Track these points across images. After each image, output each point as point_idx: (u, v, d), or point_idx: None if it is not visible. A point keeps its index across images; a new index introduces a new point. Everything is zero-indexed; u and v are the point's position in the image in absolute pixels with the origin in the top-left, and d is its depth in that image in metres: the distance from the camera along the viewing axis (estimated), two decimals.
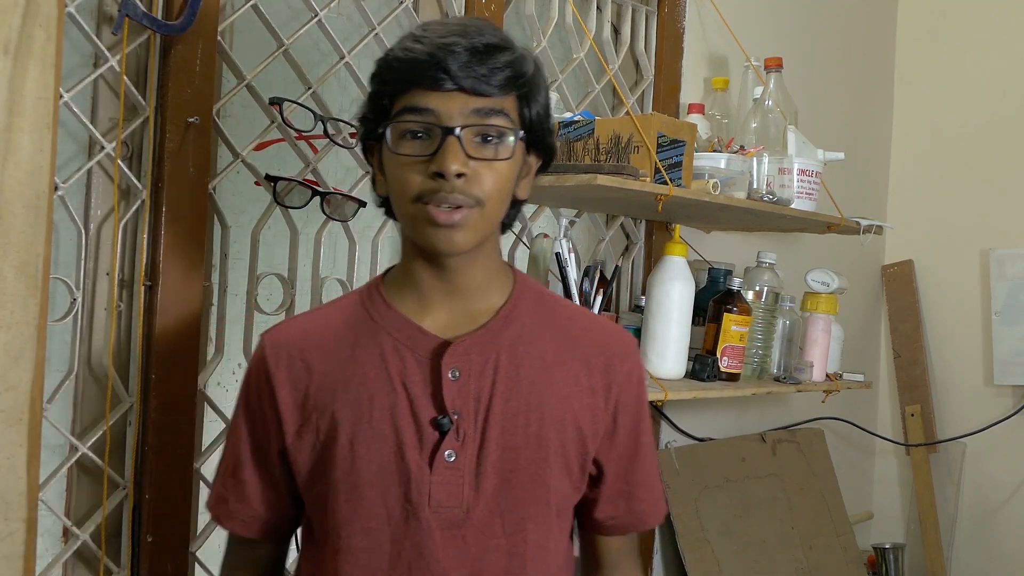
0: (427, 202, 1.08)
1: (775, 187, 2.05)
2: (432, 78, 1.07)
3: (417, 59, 1.07)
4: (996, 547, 2.84)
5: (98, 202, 1.61)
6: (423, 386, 1.12)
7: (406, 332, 1.14)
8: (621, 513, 1.25)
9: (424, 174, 1.07)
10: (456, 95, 1.07)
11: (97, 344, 1.60)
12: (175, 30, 1.57)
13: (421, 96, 1.08)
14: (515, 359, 1.15)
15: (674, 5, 2.35)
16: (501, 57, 1.09)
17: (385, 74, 1.12)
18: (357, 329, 1.16)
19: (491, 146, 1.09)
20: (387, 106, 1.11)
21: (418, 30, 1.12)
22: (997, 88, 2.89)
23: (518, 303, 1.18)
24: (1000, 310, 2.83)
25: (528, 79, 1.12)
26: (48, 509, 1.52)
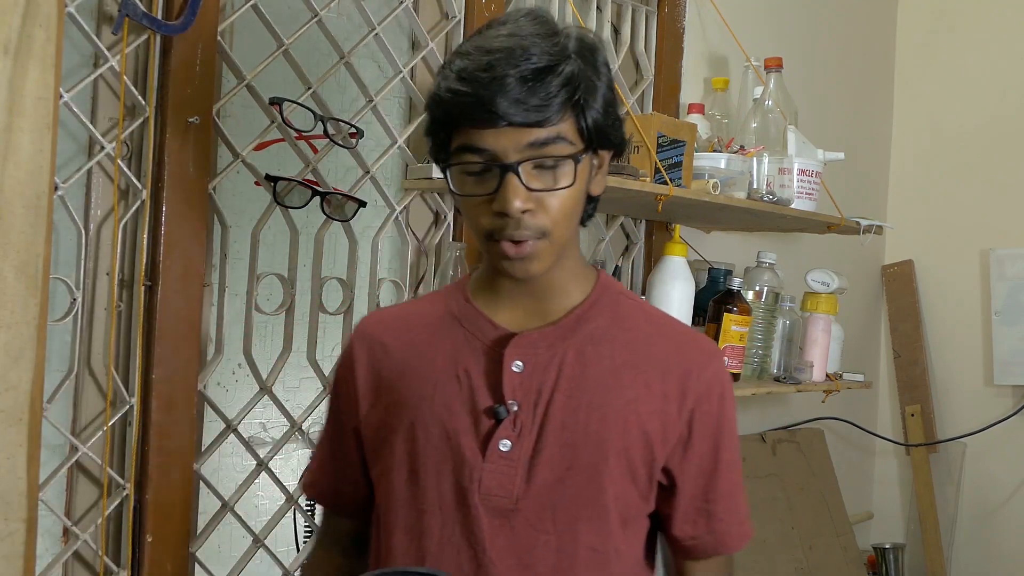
0: (497, 239, 1.09)
1: (775, 187, 2.05)
2: (483, 118, 1.05)
3: (465, 100, 1.05)
4: (996, 547, 2.84)
5: (98, 202, 1.61)
6: (485, 376, 1.15)
7: (478, 324, 1.18)
8: (701, 533, 1.22)
9: (489, 213, 1.08)
10: (509, 130, 1.06)
11: (97, 344, 1.60)
12: (175, 30, 1.57)
13: (476, 135, 1.07)
14: (583, 358, 1.16)
15: (674, 5, 2.35)
16: (552, 81, 1.06)
17: (436, 111, 1.11)
18: (436, 320, 1.21)
19: (550, 173, 1.08)
20: (445, 140, 1.11)
21: (462, 58, 1.08)
22: (997, 88, 2.89)
23: (594, 304, 1.19)
24: (1000, 310, 2.83)
25: (582, 88, 1.09)
26: (48, 509, 1.52)
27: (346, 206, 1.80)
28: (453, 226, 2.00)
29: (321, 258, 1.84)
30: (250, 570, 1.75)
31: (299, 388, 1.91)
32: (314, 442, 1.84)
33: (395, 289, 1.97)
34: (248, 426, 1.81)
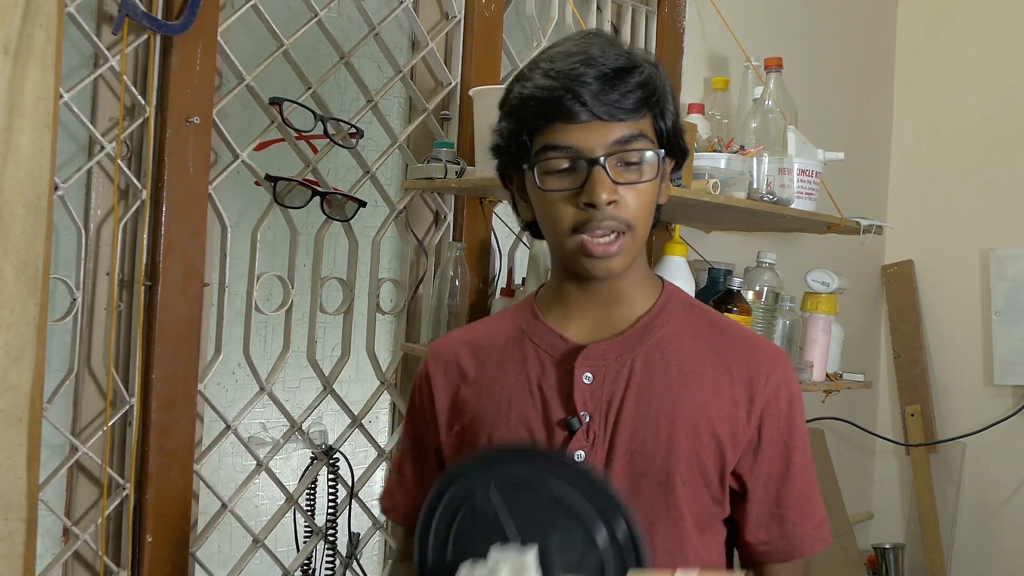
0: (582, 232, 1.11)
1: (775, 187, 2.05)
2: (569, 112, 1.09)
3: (552, 96, 1.10)
4: (996, 547, 2.84)
5: (98, 202, 1.61)
6: (557, 389, 1.16)
7: (548, 339, 1.19)
8: (774, 538, 1.21)
9: (575, 206, 1.11)
10: (595, 125, 1.10)
11: (97, 344, 1.60)
12: (175, 30, 1.57)
13: (561, 132, 1.11)
14: (650, 366, 1.17)
15: (674, 5, 2.35)
16: (632, 79, 1.11)
17: (521, 111, 1.13)
18: (508, 338, 1.22)
19: (634, 169, 1.12)
20: (526, 142, 1.14)
21: (544, 62, 1.13)
22: (997, 88, 2.88)
23: (661, 312, 1.20)
24: (1000, 310, 2.82)
25: (659, 91, 1.14)
26: (48, 509, 1.52)
27: (346, 206, 1.80)
28: (453, 226, 2.00)
29: (321, 258, 1.84)
30: (250, 570, 1.75)
31: (299, 388, 1.91)
32: (315, 443, 1.84)
33: (395, 289, 1.97)
34: (248, 426, 1.81)
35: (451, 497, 1.05)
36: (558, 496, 1.02)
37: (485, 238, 2.01)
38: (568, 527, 1.02)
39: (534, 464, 1.05)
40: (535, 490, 1.03)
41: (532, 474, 1.03)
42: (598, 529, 1.01)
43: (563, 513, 1.02)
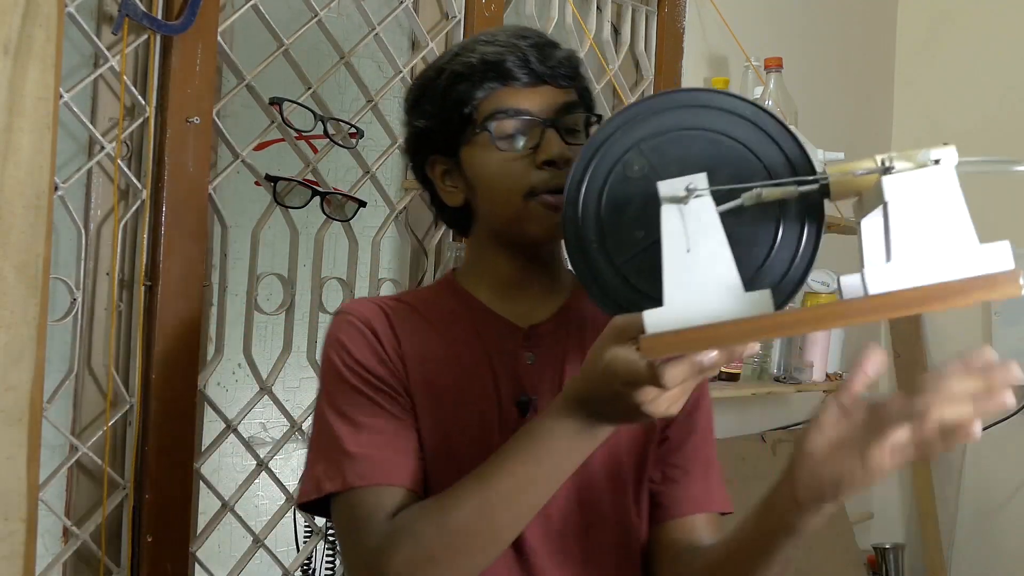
0: (540, 193, 1.11)
1: None
2: (517, 75, 1.11)
3: (500, 59, 1.11)
4: (996, 547, 2.84)
5: (98, 202, 1.61)
6: (505, 369, 1.15)
7: (486, 319, 1.18)
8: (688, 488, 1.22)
9: (532, 167, 1.11)
10: (542, 90, 1.12)
11: (97, 344, 1.60)
12: (175, 30, 1.57)
13: (511, 96, 1.12)
14: (583, 344, 1.18)
15: (674, 5, 2.35)
16: (562, 51, 1.15)
17: (466, 79, 1.13)
18: (440, 313, 1.19)
19: (577, 135, 1.14)
20: (470, 113, 1.13)
21: (478, 39, 1.15)
22: (997, 88, 2.88)
23: (578, 297, 1.22)
24: (1000, 310, 2.82)
25: (585, 72, 1.20)
26: (48, 509, 1.52)
27: (346, 206, 1.80)
28: None
29: (321, 258, 1.84)
30: (250, 570, 1.75)
31: (299, 388, 1.91)
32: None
33: (395, 289, 1.97)
34: (248, 426, 1.81)
35: (598, 163, 0.98)
36: (715, 133, 0.95)
37: None
38: (732, 161, 0.95)
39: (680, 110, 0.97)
40: (685, 136, 0.96)
41: (680, 120, 0.96)
42: (769, 153, 0.95)
43: (724, 149, 0.95)
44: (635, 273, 0.97)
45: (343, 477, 1.08)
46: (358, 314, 1.16)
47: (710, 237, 0.88)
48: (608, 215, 0.98)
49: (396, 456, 1.10)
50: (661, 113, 0.97)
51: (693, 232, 0.88)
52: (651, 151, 0.97)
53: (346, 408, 1.12)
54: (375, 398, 1.11)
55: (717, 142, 0.96)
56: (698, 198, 0.88)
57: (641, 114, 0.98)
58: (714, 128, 0.96)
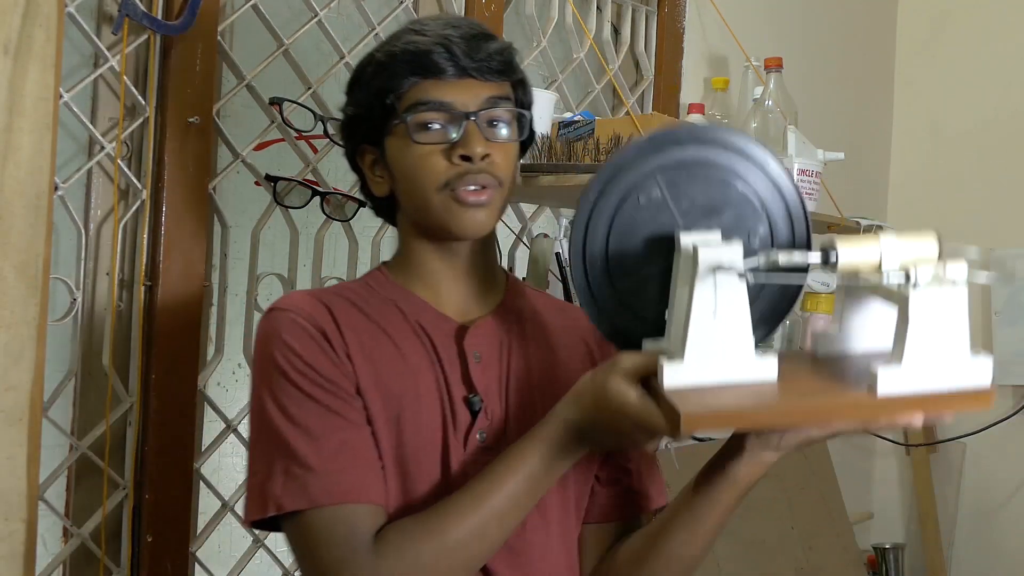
0: (454, 187, 1.10)
1: None
2: (441, 67, 1.10)
3: (425, 51, 1.10)
4: (996, 547, 2.84)
5: (98, 202, 1.61)
6: (452, 366, 1.14)
7: (428, 314, 1.16)
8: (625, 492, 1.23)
9: (448, 160, 1.10)
10: (467, 83, 1.11)
11: (97, 344, 1.60)
12: (175, 30, 1.57)
13: (434, 88, 1.11)
14: (524, 340, 1.18)
15: (674, 5, 2.35)
16: (495, 44, 1.13)
17: (390, 69, 1.12)
18: (380, 309, 1.15)
19: (502, 129, 1.14)
20: (392, 103, 1.12)
21: (409, 27, 1.15)
22: (997, 88, 2.88)
23: (515, 290, 1.23)
24: (1000, 310, 2.82)
25: (519, 67, 1.18)
26: (48, 509, 1.52)
27: (346, 206, 1.80)
28: None
29: (321, 258, 1.84)
30: (250, 570, 1.75)
31: None
32: None
33: None
34: (248, 426, 1.80)
35: (611, 190, 1.03)
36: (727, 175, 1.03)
37: None
38: (741, 204, 1.03)
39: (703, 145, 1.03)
40: (703, 172, 1.03)
41: (700, 155, 1.03)
42: (771, 203, 1.03)
43: (735, 192, 1.03)
44: (633, 296, 1.03)
45: (308, 495, 1.02)
46: (302, 312, 1.09)
47: (734, 306, 0.95)
48: (616, 239, 1.03)
49: (363, 471, 1.05)
50: (681, 145, 1.03)
51: (722, 300, 0.95)
52: (667, 182, 1.02)
53: (300, 416, 1.05)
54: (331, 405, 1.06)
55: (728, 184, 1.03)
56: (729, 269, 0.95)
57: (661, 144, 1.03)
58: (728, 168, 1.03)
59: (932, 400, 0.92)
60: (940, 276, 0.91)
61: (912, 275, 0.91)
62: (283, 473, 1.03)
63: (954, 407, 0.95)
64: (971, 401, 0.94)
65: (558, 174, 1.68)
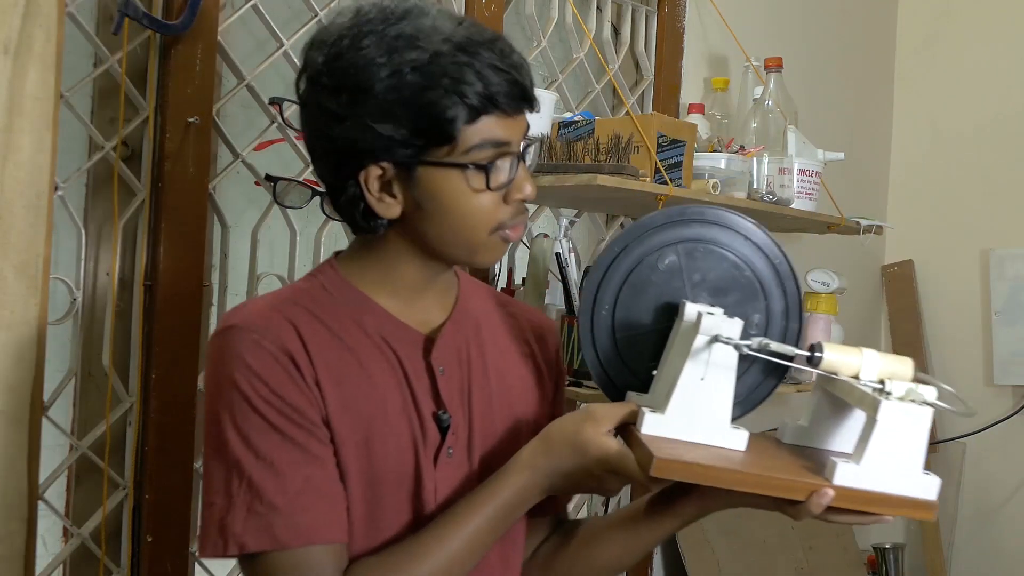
0: (506, 227, 1.07)
1: (775, 187, 2.05)
2: (513, 104, 1.03)
3: (494, 83, 1.00)
4: (996, 547, 2.84)
5: (98, 202, 1.61)
6: (419, 382, 1.10)
7: (392, 327, 1.10)
8: None
9: (502, 203, 1.05)
10: (521, 119, 1.05)
11: (97, 344, 1.60)
12: (175, 30, 1.57)
13: (501, 125, 1.02)
14: (480, 346, 1.16)
15: (674, 5, 2.35)
16: (527, 65, 1.06)
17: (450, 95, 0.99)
18: (344, 322, 1.08)
19: (528, 160, 1.10)
20: (450, 135, 1.00)
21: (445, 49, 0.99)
22: (997, 88, 2.88)
23: (466, 294, 1.19)
24: (1000, 310, 2.82)
25: None
26: (48, 509, 1.52)
27: None
28: None
29: (321, 258, 1.84)
30: None
31: None
32: None
33: None
34: None
35: (633, 247, 1.14)
36: (740, 260, 1.14)
37: None
38: (746, 290, 1.14)
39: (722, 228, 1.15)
40: (717, 252, 1.14)
41: (718, 237, 1.14)
42: (773, 297, 1.15)
43: (742, 278, 1.14)
44: (629, 348, 1.13)
45: (272, 535, 0.98)
46: (267, 333, 1.02)
47: (722, 376, 1.06)
48: (627, 292, 1.13)
49: (328, 509, 1.01)
50: (706, 225, 1.14)
51: (712, 366, 1.05)
52: (685, 253, 1.14)
53: (263, 449, 1.00)
54: (296, 437, 1.01)
55: (739, 268, 1.15)
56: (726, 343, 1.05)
57: (690, 218, 1.14)
58: (741, 256, 1.15)
59: (880, 499, 1.01)
60: (912, 392, 1.01)
61: (887, 386, 1.02)
62: (245, 509, 0.99)
63: (898, 511, 1.02)
64: (916, 509, 1.02)
65: (558, 174, 1.68)
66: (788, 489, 1.02)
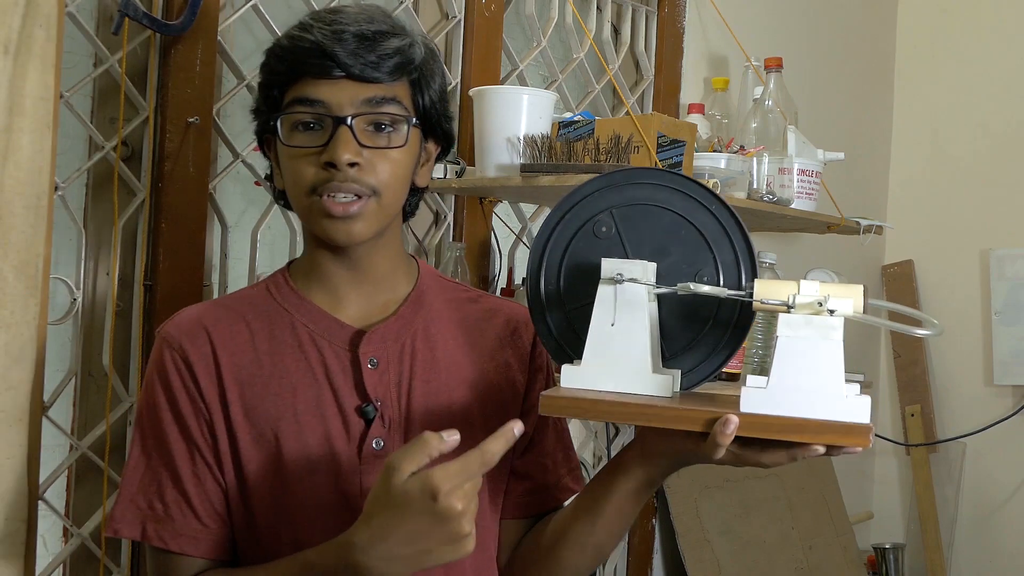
0: (321, 194, 1.07)
1: (775, 187, 2.05)
2: (320, 66, 1.06)
3: (304, 47, 1.07)
4: (996, 547, 2.84)
5: (98, 202, 1.61)
6: (344, 376, 1.11)
7: (323, 324, 1.13)
8: (547, 483, 1.21)
9: (317, 165, 1.07)
10: (346, 83, 1.07)
11: (97, 344, 1.60)
12: (175, 30, 1.57)
13: (311, 86, 1.07)
14: (430, 342, 1.15)
15: (674, 5, 2.35)
16: (390, 43, 1.08)
17: (273, 63, 1.10)
18: (269, 320, 1.13)
19: (384, 134, 1.09)
20: (277, 97, 1.10)
21: (307, 18, 1.10)
22: (997, 88, 2.88)
23: (424, 289, 1.19)
24: (1000, 310, 2.82)
25: (419, 65, 1.12)
26: (48, 509, 1.52)
27: None
28: (453, 226, 2.00)
29: None
30: None
31: None
32: None
33: None
34: None
35: (571, 217, 1.10)
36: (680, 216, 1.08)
37: (485, 238, 2.01)
38: (689, 245, 1.08)
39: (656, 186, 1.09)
40: (654, 211, 1.08)
41: (653, 196, 1.09)
42: (722, 248, 1.07)
43: (684, 233, 1.08)
44: (579, 320, 1.08)
45: (143, 531, 1.09)
46: (176, 344, 1.12)
47: (633, 319, 1.01)
48: (569, 264, 1.10)
49: (197, 525, 1.09)
50: (637, 185, 1.09)
51: (620, 310, 1.01)
52: (620, 218, 1.09)
53: (155, 452, 1.11)
54: (184, 449, 1.10)
55: (678, 224, 1.08)
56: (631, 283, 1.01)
57: (619, 181, 1.09)
58: (678, 211, 1.08)
59: (795, 425, 0.93)
60: (817, 304, 0.93)
61: (792, 300, 0.94)
62: (132, 503, 1.11)
63: (822, 438, 0.95)
64: (844, 435, 0.95)
65: (558, 174, 1.68)
66: (684, 420, 0.95)
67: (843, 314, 0.94)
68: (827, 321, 0.93)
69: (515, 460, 1.20)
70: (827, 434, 0.94)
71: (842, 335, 0.95)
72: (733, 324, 1.08)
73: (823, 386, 0.93)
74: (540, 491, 1.22)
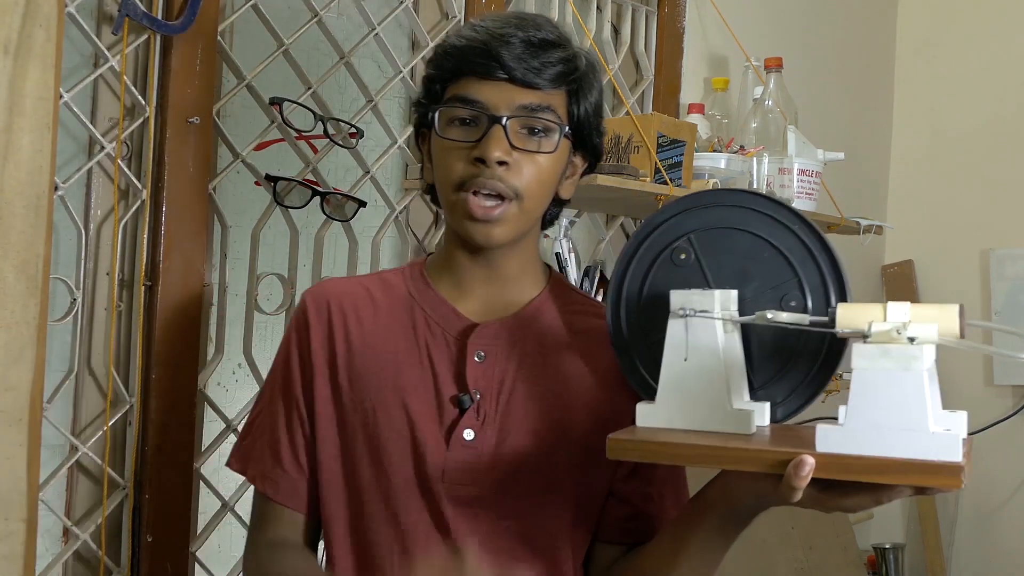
0: (467, 189, 1.10)
1: (775, 187, 2.05)
2: (484, 66, 1.10)
3: (471, 47, 1.11)
4: (996, 547, 2.84)
5: (98, 202, 1.61)
6: (448, 364, 1.14)
7: (440, 311, 1.17)
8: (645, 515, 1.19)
9: (467, 160, 1.10)
10: (506, 86, 1.10)
11: (97, 344, 1.60)
12: (175, 30, 1.57)
13: (473, 85, 1.11)
14: (543, 348, 1.16)
15: (674, 5, 2.35)
16: (554, 53, 1.12)
17: (440, 60, 1.15)
18: (394, 301, 1.19)
19: (536, 139, 1.12)
20: (439, 92, 1.14)
21: (477, 20, 1.15)
22: (997, 88, 2.88)
23: (550, 296, 1.20)
24: (1000, 310, 2.82)
25: (579, 77, 1.15)
26: (48, 509, 1.52)
27: (346, 206, 1.80)
28: None
29: (321, 258, 1.84)
30: None
31: None
32: None
33: None
34: None
35: (649, 245, 1.07)
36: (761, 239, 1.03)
37: None
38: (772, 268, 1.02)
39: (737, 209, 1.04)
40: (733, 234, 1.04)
41: (730, 218, 1.04)
42: (808, 270, 1.02)
43: (767, 255, 1.02)
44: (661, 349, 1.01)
45: (261, 477, 1.20)
46: (304, 308, 1.20)
47: (706, 353, 0.96)
48: (649, 295, 1.05)
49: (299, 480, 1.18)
50: (713, 208, 1.04)
51: (692, 344, 0.96)
52: (699, 243, 1.04)
53: (278, 403, 1.20)
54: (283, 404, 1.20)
55: (760, 246, 1.02)
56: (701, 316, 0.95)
57: (697, 205, 1.05)
58: (760, 234, 1.02)
59: (878, 465, 0.85)
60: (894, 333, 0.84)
61: (871, 328, 0.85)
62: (243, 437, 1.24)
63: (908, 479, 0.86)
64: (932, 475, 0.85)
65: None
66: (754, 461, 0.89)
67: (925, 342, 0.84)
68: (907, 351, 0.84)
69: (616, 482, 1.18)
70: (912, 474, 0.85)
71: (931, 363, 0.86)
72: (824, 352, 1.01)
73: (906, 422, 0.85)
74: (640, 519, 1.19)
